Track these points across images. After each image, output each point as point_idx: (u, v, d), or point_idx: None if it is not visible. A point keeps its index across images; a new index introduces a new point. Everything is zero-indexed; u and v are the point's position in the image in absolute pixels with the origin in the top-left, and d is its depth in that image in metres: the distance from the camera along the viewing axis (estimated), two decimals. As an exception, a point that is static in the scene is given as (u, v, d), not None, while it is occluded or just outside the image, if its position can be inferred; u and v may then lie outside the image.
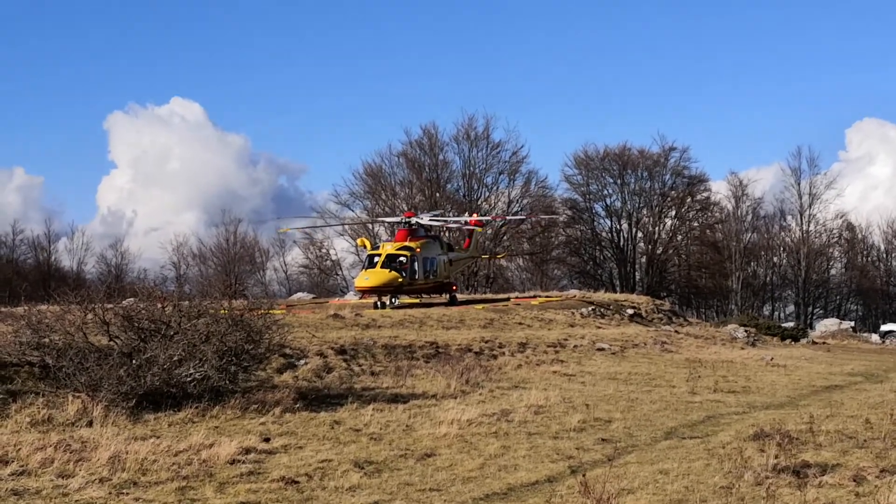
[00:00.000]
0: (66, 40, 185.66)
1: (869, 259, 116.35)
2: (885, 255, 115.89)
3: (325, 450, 17.64)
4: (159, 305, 23.65)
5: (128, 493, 13.99)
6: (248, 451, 17.06)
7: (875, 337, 73.59)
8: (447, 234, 78.54)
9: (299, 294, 70.77)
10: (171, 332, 22.56)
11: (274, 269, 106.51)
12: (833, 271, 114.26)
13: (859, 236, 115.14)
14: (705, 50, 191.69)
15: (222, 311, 23.73)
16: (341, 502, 13.88)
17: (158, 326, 22.87)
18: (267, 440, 18.24)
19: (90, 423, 19.34)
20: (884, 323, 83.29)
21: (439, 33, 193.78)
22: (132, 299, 25.15)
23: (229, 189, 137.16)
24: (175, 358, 21.49)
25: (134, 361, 21.44)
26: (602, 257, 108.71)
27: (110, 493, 13.99)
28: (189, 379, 21.51)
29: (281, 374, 26.58)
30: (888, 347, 66.31)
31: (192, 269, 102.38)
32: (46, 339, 22.20)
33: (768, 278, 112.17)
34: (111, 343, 22.52)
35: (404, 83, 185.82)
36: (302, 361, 28.24)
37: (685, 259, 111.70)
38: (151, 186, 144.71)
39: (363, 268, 51.36)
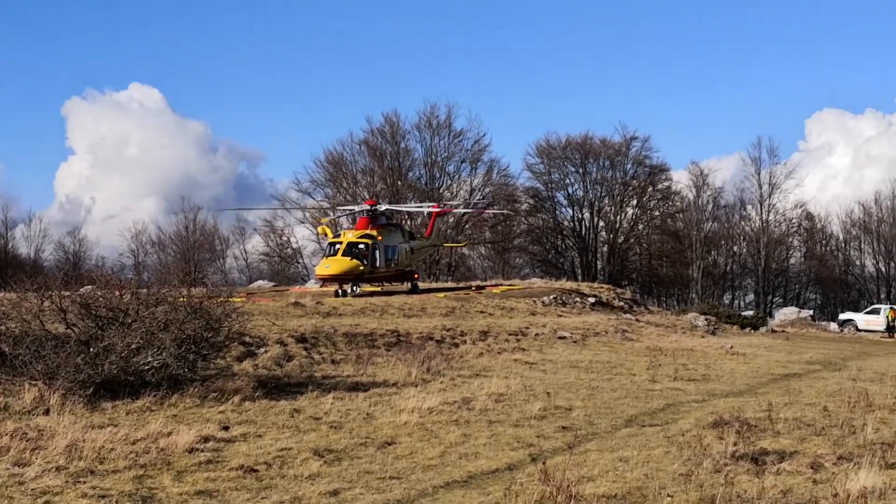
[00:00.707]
0: (22, 24, 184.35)
1: (827, 248, 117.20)
2: (843, 245, 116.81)
3: (284, 438, 17.55)
4: (117, 293, 23.43)
5: (85, 482, 13.86)
6: (206, 439, 16.93)
7: (833, 325, 74.22)
8: (409, 223, 78.49)
9: (259, 282, 70.64)
10: (129, 320, 22.35)
11: (234, 256, 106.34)
12: (792, 260, 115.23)
13: (818, 226, 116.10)
14: (667, 40, 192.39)
15: (181, 299, 23.57)
16: (300, 490, 13.80)
17: (116, 314, 22.66)
18: (226, 428, 18.13)
19: (47, 412, 19.16)
20: (842, 311, 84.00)
21: (401, 22, 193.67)
22: (90, 287, 24.95)
23: (189, 176, 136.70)
24: (133, 346, 21.30)
25: (91, 349, 21.27)
26: (564, 246, 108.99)
27: (67, 481, 13.85)
28: (147, 367, 21.32)
29: (240, 363, 26.45)
30: (846, 336, 66.86)
31: (150, 256, 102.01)
32: (3, 327, 21.97)
33: (728, 267, 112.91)
34: (68, 331, 22.29)
35: (366, 71, 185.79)
36: (262, 350, 28.12)
37: (646, 248, 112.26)
38: (110, 173, 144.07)
39: (324, 256, 51.22)
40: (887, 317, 69.40)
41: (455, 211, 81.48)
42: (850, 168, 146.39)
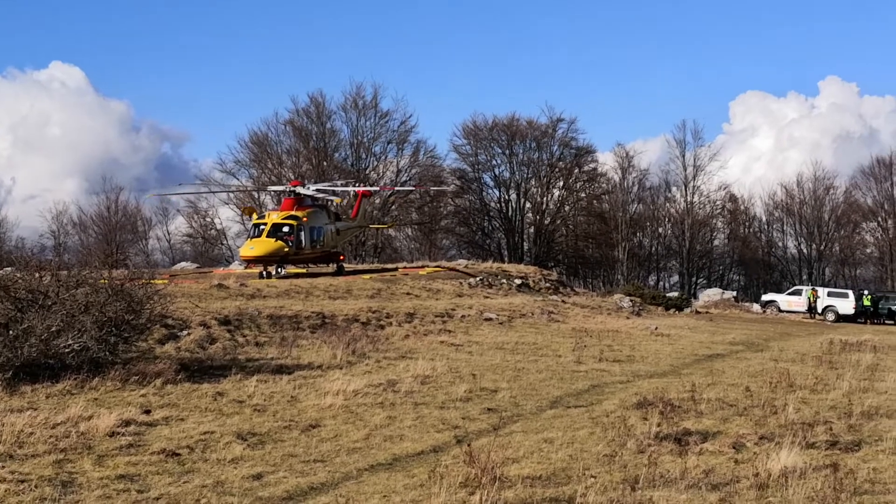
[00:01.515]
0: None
1: (751, 230, 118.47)
2: (766, 226, 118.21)
3: (207, 421, 17.40)
4: (37, 275, 23.10)
5: (3, 466, 13.64)
6: (127, 423, 16.75)
7: (756, 306, 74.93)
8: (334, 204, 78.25)
9: (183, 263, 69.94)
10: (49, 303, 22.04)
11: (157, 238, 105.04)
12: (716, 242, 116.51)
13: (742, 207, 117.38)
14: (592, 23, 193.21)
15: (102, 281, 23.29)
16: (223, 474, 13.67)
17: (36, 296, 22.31)
18: (147, 412, 17.94)
19: (-35, 396, 18.89)
20: (765, 293, 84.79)
21: (327, 2, 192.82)
22: (9, 268, 24.60)
23: (111, 156, 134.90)
24: (53, 328, 21.01)
25: (10, 332, 20.93)
26: (490, 227, 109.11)
27: (-15, 466, 13.65)
28: (68, 350, 21.04)
29: (163, 345, 26.21)
30: (769, 317, 67.61)
31: (71, 237, 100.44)
32: (-81, 310, 21.62)
33: (654, 248, 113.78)
34: (-13, 313, 21.98)
35: (292, 50, 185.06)
36: (184, 332, 27.87)
37: (572, 229, 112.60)
38: (31, 153, 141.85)
39: (248, 237, 50.86)
40: (809, 298, 70.23)
41: (384, 191, 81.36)
42: (773, 150, 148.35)
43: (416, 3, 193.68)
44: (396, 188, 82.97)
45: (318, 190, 56.55)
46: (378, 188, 71.66)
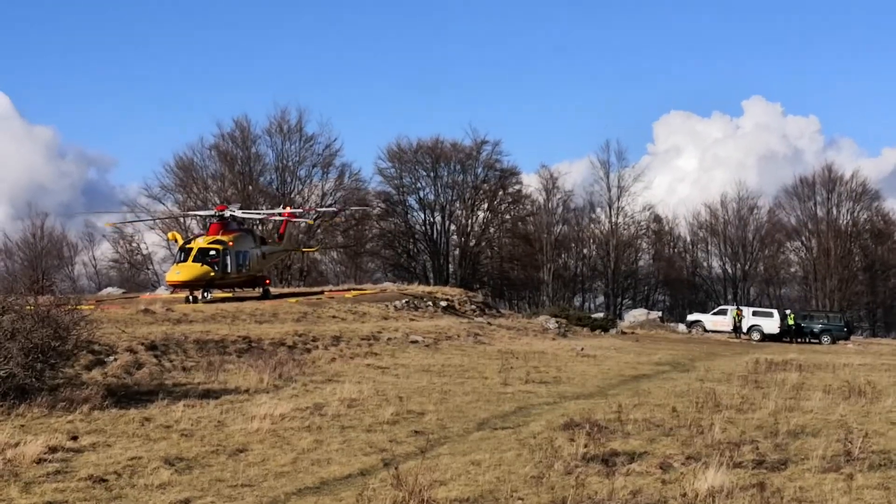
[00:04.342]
0: None
1: (675, 250, 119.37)
2: (690, 247, 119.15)
3: (134, 447, 17.33)
4: (-39, 302, 22.92)
5: (-72, 496, 13.57)
6: (54, 449, 16.66)
7: (681, 326, 75.35)
8: (260, 228, 78.02)
9: (109, 289, 69.45)
10: (-26, 330, 21.88)
11: (83, 263, 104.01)
12: (641, 262, 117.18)
13: (666, 228, 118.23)
14: (517, 45, 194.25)
15: (28, 308, 23.12)
16: (151, 500, 13.66)
17: (-39, 324, 22.17)
18: (74, 438, 17.84)
19: None
20: (690, 313, 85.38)
21: (251, 26, 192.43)
22: (-67, 296, 24.34)
23: (37, 182, 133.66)
24: (-22, 356, 20.86)
25: (-66, 360, 20.77)
26: (416, 250, 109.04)
27: None
28: (-7, 377, 20.91)
29: (89, 371, 26.02)
30: (694, 337, 68.10)
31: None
32: None
33: (578, 269, 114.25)
34: (-90, 341, 21.75)
35: (216, 75, 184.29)
36: (111, 358, 27.69)
37: (497, 251, 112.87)
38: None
39: (174, 262, 50.59)
40: (734, 317, 70.73)
41: (309, 213, 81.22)
42: (697, 170, 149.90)
43: (338, 28, 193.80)
44: (320, 209, 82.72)
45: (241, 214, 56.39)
46: (301, 210, 71.37)
